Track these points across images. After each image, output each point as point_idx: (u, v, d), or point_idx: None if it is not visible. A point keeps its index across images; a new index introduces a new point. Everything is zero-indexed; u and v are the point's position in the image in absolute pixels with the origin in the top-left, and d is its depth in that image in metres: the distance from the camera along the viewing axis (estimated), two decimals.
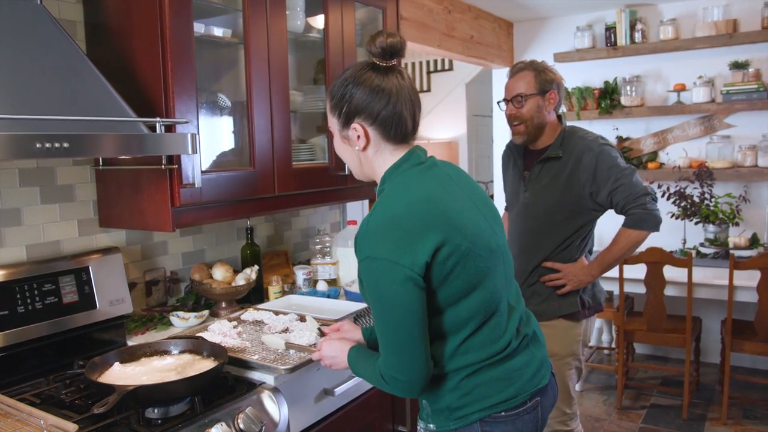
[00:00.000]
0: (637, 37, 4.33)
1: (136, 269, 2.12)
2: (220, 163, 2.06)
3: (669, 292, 3.49)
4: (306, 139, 2.48)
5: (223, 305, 2.19)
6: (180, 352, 1.68)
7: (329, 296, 2.37)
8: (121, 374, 1.54)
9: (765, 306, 3.21)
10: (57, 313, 1.74)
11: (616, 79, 4.51)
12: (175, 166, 1.73)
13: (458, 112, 7.16)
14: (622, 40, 4.35)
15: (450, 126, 7.23)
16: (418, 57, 7.31)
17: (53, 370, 1.69)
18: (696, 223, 3.99)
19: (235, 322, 2.02)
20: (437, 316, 1.31)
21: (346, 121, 1.37)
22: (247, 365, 1.69)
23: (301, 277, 2.47)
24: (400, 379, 1.29)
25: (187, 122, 1.71)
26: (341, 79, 1.37)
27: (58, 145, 1.32)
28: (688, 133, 4.36)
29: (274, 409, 1.59)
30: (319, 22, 2.35)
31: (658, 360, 4.48)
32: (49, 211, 1.87)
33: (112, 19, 1.85)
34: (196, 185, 1.74)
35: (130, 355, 1.64)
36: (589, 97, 4.54)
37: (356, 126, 1.36)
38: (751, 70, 4.02)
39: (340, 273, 2.62)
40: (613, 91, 4.49)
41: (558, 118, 2.34)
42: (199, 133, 1.78)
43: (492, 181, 5.31)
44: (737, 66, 4.08)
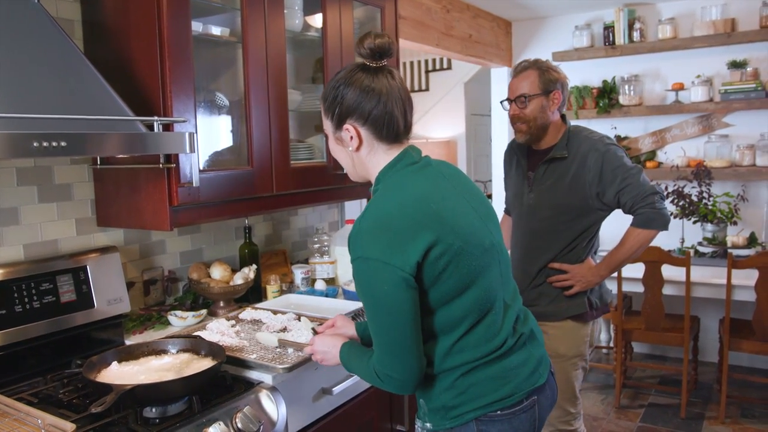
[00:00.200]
0: (636, 36, 4.33)
1: (134, 268, 2.12)
2: (218, 162, 2.06)
3: (667, 291, 3.49)
4: (304, 138, 2.48)
5: (221, 304, 2.19)
6: (178, 352, 1.68)
7: (327, 295, 2.37)
8: (119, 373, 1.54)
9: (763, 305, 3.21)
10: (55, 312, 1.74)
11: (614, 78, 4.51)
12: (173, 165, 1.73)
13: (457, 112, 7.16)
14: (621, 39, 4.36)
15: (448, 125, 7.23)
16: (416, 56, 7.31)
17: (51, 369, 1.69)
18: (694, 222, 3.99)
19: (233, 321, 2.02)
20: (431, 316, 1.31)
21: (339, 123, 1.38)
22: (245, 364, 1.69)
23: (299, 276, 2.47)
24: (395, 377, 1.30)
25: (185, 121, 1.71)
26: (333, 82, 1.38)
27: (55, 144, 1.31)
28: (687, 133, 4.36)
29: (272, 409, 1.59)
30: (317, 20, 2.35)
31: (657, 359, 4.48)
32: (46, 210, 1.87)
33: (110, 17, 1.85)
34: (194, 184, 1.73)
35: (127, 355, 1.64)
36: (587, 96, 4.55)
37: (348, 127, 1.37)
38: (749, 70, 4.03)
39: (339, 272, 2.61)
40: (612, 91, 4.49)
41: (562, 118, 2.32)
42: (197, 132, 1.77)
43: (491, 181, 5.30)
44: (735, 65, 4.08)
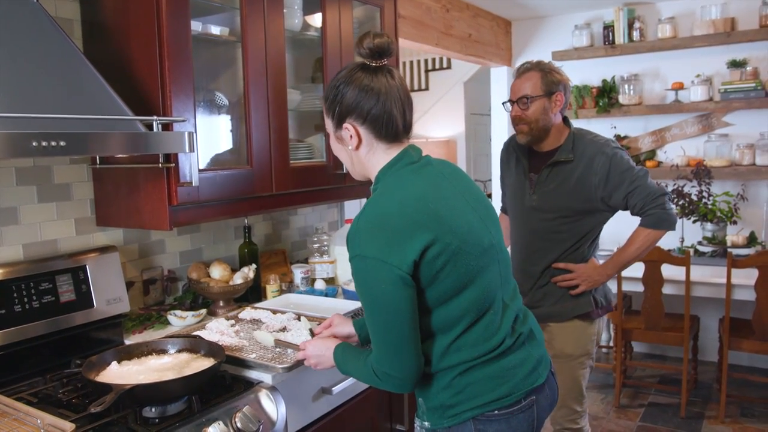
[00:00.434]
0: (635, 35, 4.33)
1: (134, 268, 2.12)
2: (218, 162, 2.06)
3: (667, 290, 3.49)
4: (303, 138, 2.48)
5: (221, 304, 2.19)
6: (177, 351, 1.67)
7: (327, 295, 2.37)
8: (119, 373, 1.54)
9: (763, 304, 3.21)
10: (54, 312, 1.74)
11: (614, 77, 4.50)
12: (173, 165, 1.73)
13: (456, 111, 7.16)
14: (620, 38, 4.35)
15: (448, 125, 7.23)
16: (416, 55, 7.30)
17: (50, 369, 1.69)
18: (694, 222, 3.99)
19: (232, 321, 2.02)
20: (428, 314, 1.32)
21: (339, 121, 1.39)
22: (245, 364, 1.69)
23: (298, 275, 2.47)
24: (394, 375, 1.30)
25: (184, 121, 1.71)
26: (334, 80, 1.39)
27: (54, 144, 1.31)
28: (686, 132, 4.36)
29: (271, 408, 1.59)
30: (316, 20, 2.35)
31: (656, 358, 4.48)
32: (46, 210, 1.87)
33: (109, 17, 1.85)
34: (194, 184, 1.73)
35: (127, 354, 1.63)
36: (587, 95, 4.54)
37: (348, 126, 1.37)
38: (749, 69, 4.02)
39: (338, 271, 2.61)
40: (611, 90, 4.49)
41: (564, 121, 2.31)
42: (196, 132, 1.77)
43: (490, 180, 5.31)
44: (735, 64, 4.08)
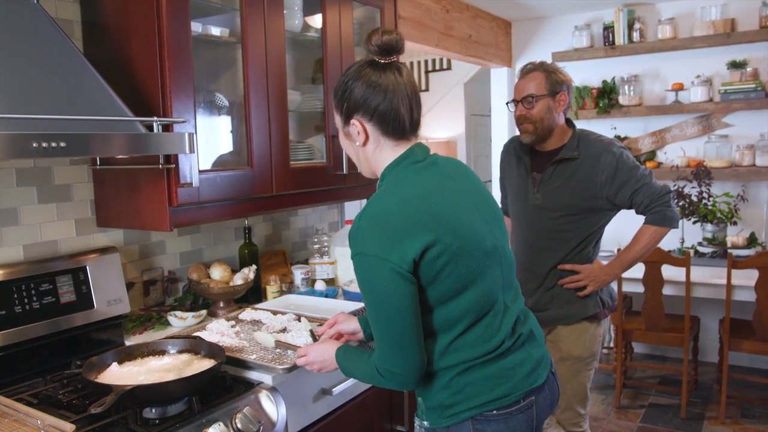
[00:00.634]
0: (635, 36, 4.33)
1: (134, 269, 2.12)
2: (218, 163, 2.06)
3: (667, 291, 3.49)
4: (304, 139, 2.48)
5: (221, 305, 2.19)
6: (178, 352, 1.68)
7: (327, 296, 2.37)
8: (119, 374, 1.54)
9: (763, 305, 3.21)
10: (54, 312, 1.74)
11: (614, 78, 4.51)
12: (173, 166, 1.73)
13: (456, 112, 7.16)
14: (620, 39, 4.36)
15: (448, 125, 7.22)
16: (416, 56, 7.30)
17: (51, 370, 1.69)
18: (694, 223, 3.99)
19: (233, 322, 2.02)
20: (428, 314, 1.32)
21: (347, 117, 1.40)
22: (245, 365, 1.69)
23: (299, 276, 2.47)
24: (397, 372, 1.30)
25: (184, 122, 1.71)
26: (343, 76, 1.40)
27: (55, 145, 1.31)
28: (686, 133, 4.36)
29: (272, 409, 1.59)
30: (317, 21, 2.35)
31: (657, 359, 4.48)
32: (46, 211, 1.87)
33: (110, 18, 1.85)
34: (194, 185, 1.73)
35: (127, 355, 1.63)
36: (587, 96, 4.54)
37: (355, 122, 1.38)
38: (748, 70, 4.03)
39: (339, 272, 2.61)
40: (611, 91, 4.49)
41: (567, 122, 2.31)
42: (196, 133, 1.77)
43: (490, 181, 5.30)
44: (735, 65, 4.08)
